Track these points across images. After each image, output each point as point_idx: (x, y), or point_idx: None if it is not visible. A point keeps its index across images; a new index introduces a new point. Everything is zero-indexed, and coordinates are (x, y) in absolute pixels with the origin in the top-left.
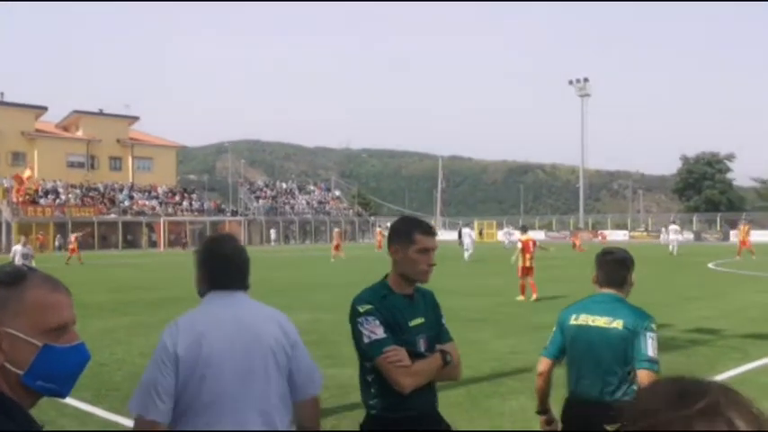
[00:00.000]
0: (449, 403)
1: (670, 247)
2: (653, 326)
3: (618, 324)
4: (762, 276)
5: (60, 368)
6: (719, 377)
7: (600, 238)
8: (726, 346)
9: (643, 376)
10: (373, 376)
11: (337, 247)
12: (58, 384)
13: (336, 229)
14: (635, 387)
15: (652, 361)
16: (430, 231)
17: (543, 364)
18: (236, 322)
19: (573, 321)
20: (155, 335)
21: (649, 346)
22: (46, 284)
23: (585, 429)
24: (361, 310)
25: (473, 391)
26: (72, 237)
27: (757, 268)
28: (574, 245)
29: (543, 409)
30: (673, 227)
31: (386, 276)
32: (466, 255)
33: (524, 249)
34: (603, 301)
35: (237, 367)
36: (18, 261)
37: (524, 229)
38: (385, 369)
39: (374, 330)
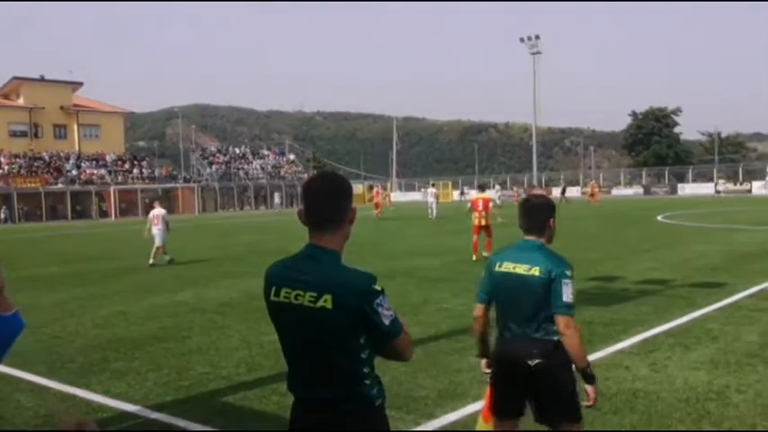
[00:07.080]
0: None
1: None
2: (568, 272)
3: (536, 271)
4: (707, 228)
5: None
6: (667, 325)
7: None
8: (673, 295)
9: (559, 320)
10: (369, 364)
11: (377, 206)
12: None
13: (375, 188)
14: (553, 327)
15: (567, 306)
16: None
17: (478, 309)
18: None
19: (498, 269)
20: (108, 306)
21: (564, 292)
22: None
23: (512, 366)
24: (379, 288)
25: (432, 349)
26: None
27: (702, 220)
28: (592, 196)
29: (483, 353)
30: None
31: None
32: (433, 213)
33: (473, 207)
34: (525, 249)
35: None
36: None
37: (481, 188)
38: (404, 345)
39: (390, 307)
